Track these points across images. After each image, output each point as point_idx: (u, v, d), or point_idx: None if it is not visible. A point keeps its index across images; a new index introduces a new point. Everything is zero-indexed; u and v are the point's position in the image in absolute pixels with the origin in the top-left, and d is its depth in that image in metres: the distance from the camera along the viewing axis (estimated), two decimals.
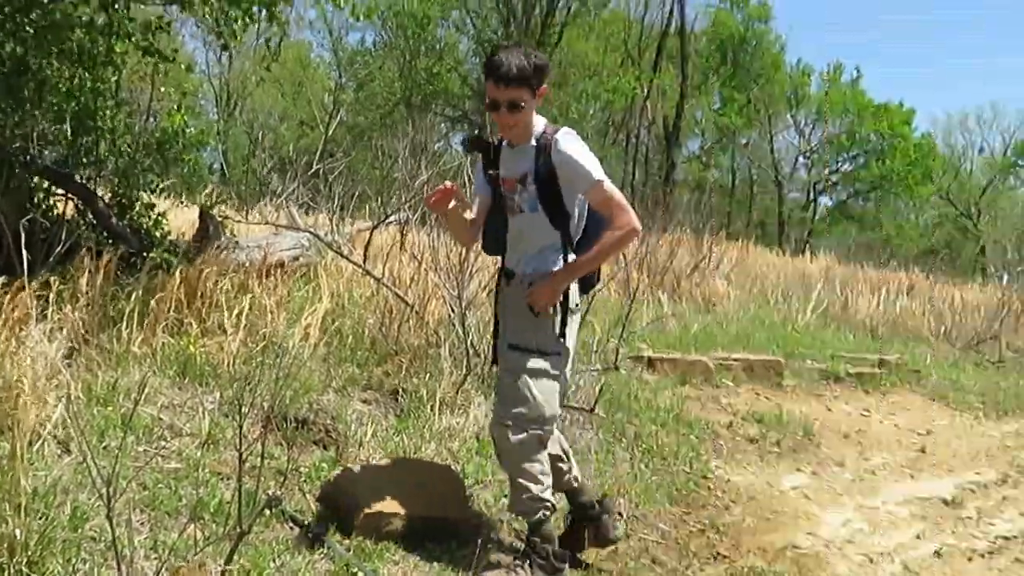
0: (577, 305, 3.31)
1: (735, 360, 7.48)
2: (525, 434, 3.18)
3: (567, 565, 3.34)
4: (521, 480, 3.23)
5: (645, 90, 31.00)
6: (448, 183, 3.19)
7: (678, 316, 9.35)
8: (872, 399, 7.54)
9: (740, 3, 37.88)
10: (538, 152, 3.19)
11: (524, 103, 3.11)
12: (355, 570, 3.09)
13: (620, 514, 4.03)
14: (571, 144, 3.17)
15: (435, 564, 3.28)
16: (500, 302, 3.45)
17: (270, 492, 3.39)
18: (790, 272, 15.83)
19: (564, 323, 3.28)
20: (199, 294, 5.33)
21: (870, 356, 8.71)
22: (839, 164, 40.60)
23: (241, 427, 3.12)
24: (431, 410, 4.72)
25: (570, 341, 3.31)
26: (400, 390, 4.98)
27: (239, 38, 5.97)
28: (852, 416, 6.93)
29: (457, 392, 4.93)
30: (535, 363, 3.21)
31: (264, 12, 5.67)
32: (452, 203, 3.18)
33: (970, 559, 4.32)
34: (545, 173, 3.17)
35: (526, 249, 3.31)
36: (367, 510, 3.33)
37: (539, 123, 3.24)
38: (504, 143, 3.29)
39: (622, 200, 3.19)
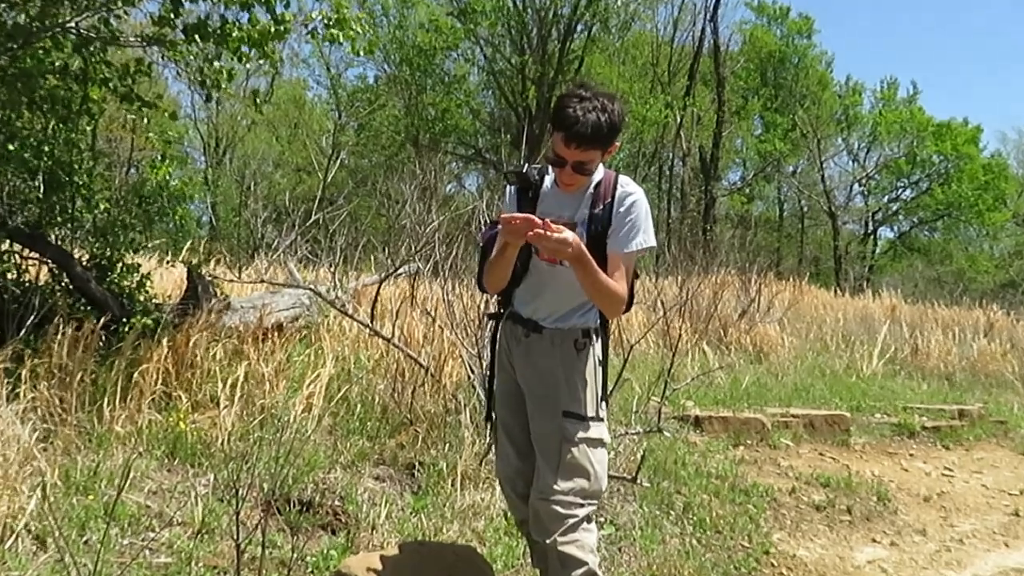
0: (600, 362, 3.31)
1: (794, 416, 7.43)
2: (583, 510, 3.17)
3: None
4: (576, 554, 3.17)
5: (678, 118, 31.28)
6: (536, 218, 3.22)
7: (727, 368, 9.32)
8: (953, 456, 7.44)
9: (778, 18, 38.40)
10: (595, 199, 3.23)
11: (593, 164, 3.15)
12: None
13: None
14: (641, 206, 3.20)
15: None
16: (512, 351, 3.43)
17: None
18: (851, 313, 15.78)
19: (606, 385, 3.29)
20: (188, 363, 5.36)
21: (948, 407, 8.62)
22: (899, 191, 40.69)
23: (238, 513, 3.07)
24: (452, 486, 4.69)
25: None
26: (416, 464, 4.96)
27: (225, 86, 6.02)
28: (932, 476, 6.81)
29: (481, 464, 4.89)
30: (592, 431, 3.21)
31: (254, 51, 5.70)
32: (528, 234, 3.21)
33: None
34: (600, 223, 3.20)
35: (558, 305, 3.30)
36: None
37: (600, 167, 3.29)
38: (551, 180, 3.35)
39: (631, 276, 3.26)
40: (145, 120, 6.68)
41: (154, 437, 4.62)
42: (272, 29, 5.62)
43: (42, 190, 6.06)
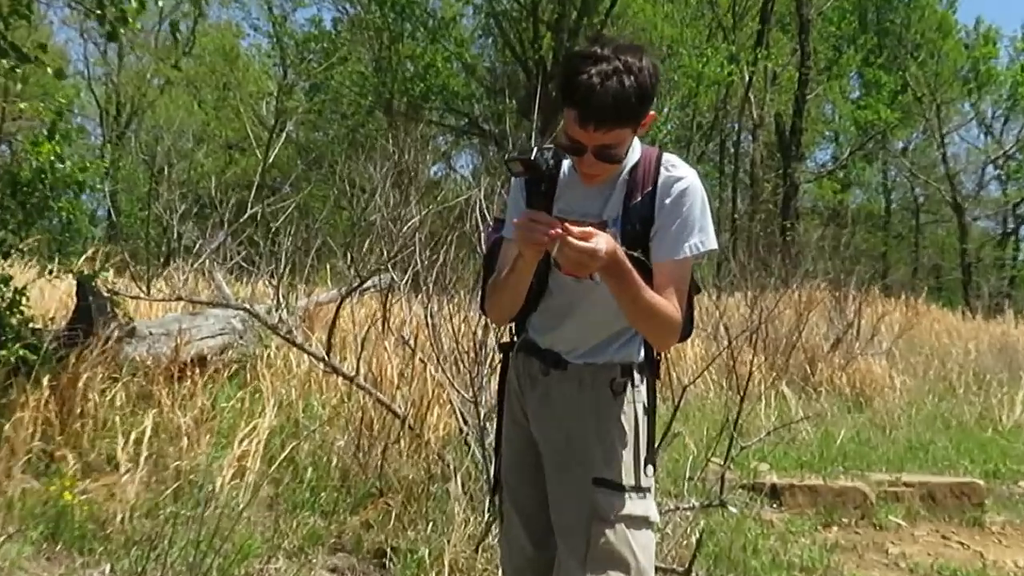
0: (646, 410, 3.32)
1: (908, 485, 7.37)
2: None
3: None
4: None
5: (746, 76, 31.34)
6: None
7: (815, 418, 9.28)
8: None
9: None
10: (632, 188, 3.25)
11: (621, 147, 3.18)
12: None
13: None
14: (696, 194, 3.23)
15: None
16: (525, 395, 3.46)
17: None
18: (985, 343, 15.72)
19: (652, 441, 3.31)
20: (78, 411, 5.34)
21: None
22: None
23: None
24: None
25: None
26: (388, 550, 4.94)
27: (132, 20, 6.00)
28: None
29: (477, 551, 4.85)
30: (634, 505, 3.23)
31: None
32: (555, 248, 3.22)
33: None
34: (640, 220, 3.24)
35: (588, 334, 3.33)
36: None
37: (634, 144, 3.28)
38: (571, 166, 3.34)
39: (686, 291, 3.27)
40: (21, 79, 6.64)
41: (29, 512, 4.58)
42: None
43: None
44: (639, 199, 3.20)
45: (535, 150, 3.22)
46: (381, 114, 30.63)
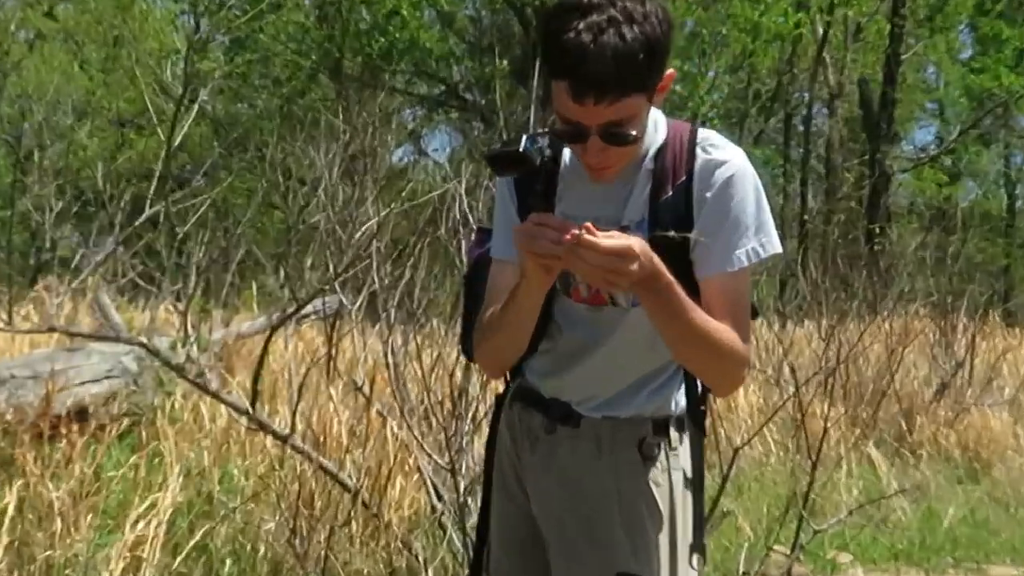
0: (689, 481, 3.35)
1: None
2: None
3: None
4: None
5: (820, 28, 31.46)
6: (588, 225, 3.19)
7: (914, 491, 9.29)
8: None
9: None
10: (659, 178, 3.25)
11: (635, 121, 3.13)
12: None
13: None
14: (747, 182, 3.24)
15: None
16: (521, 459, 3.48)
17: None
18: None
19: (699, 523, 3.32)
20: None
21: None
22: None
23: None
24: None
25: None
26: None
27: None
28: None
29: None
30: None
31: None
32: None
33: None
34: (674, 222, 3.20)
35: (608, 379, 3.35)
36: None
37: (655, 119, 3.31)
38: (571, 158, 3.35)
39: (748, 311, 3.31)
40: None
41: None
42: None
43: None
44: (670, 194, 3.21)
45: (524, 139, 3.18)
46: (327, 80, 30.67)
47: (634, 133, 3.07)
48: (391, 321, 6.95)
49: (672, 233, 3.06)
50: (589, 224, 2.82)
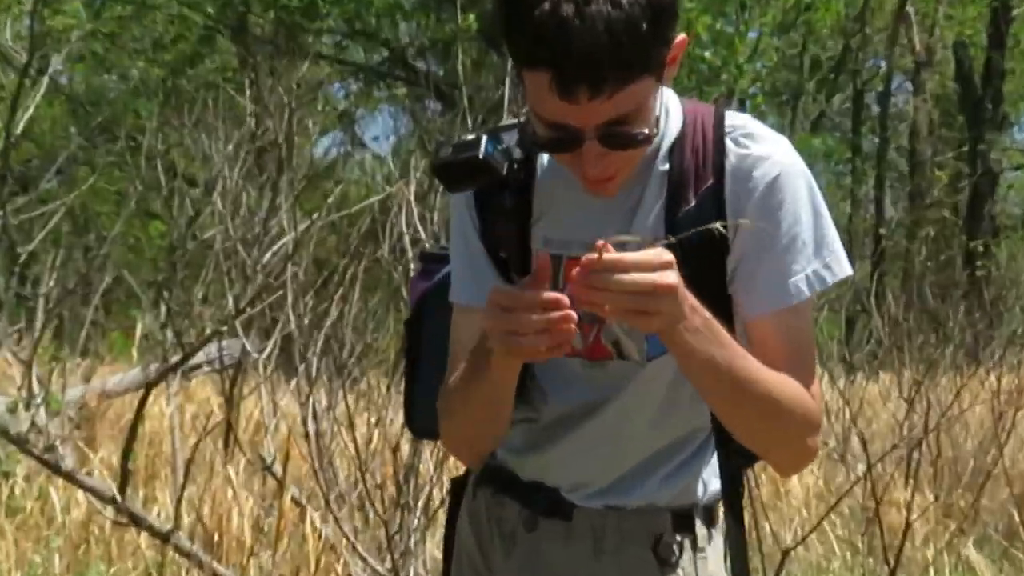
0: (702, 549, 3.33)
1: None
2: None
3: None
4: None
5: None
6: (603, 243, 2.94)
7: None
8: None
9: None
10: (677, 183, 3.22)
11: (644, 117, 3.05)
12: None
13: None
14: (798, 182, 3.22)
15: None
16: (492, 565, 3.48)
17: None
18: None
19: None
20: None
21: None
22: None
23: None
24: None
25: None
26: None
27: None
28: None
29: None
30: None
31: None
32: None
33: None
34: (703, 245, 3.11)
35: (615, 457, 3.34)
36: None
37: (666, 102, 3.26)
38: (548, 161, 3.30)
39: (815, 357, 3.37)
40: None
41: None
42: None
43: None
44: (692, 204, 3.20)
45: (484, 139, 3.15)
46: (227, 42, 30.80)
47: (644, 131, 3.01)
48: (312, 374, 6.97)
49: (718, 226, 2.93)
50: (604, 242, 2.72)
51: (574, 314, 2.74)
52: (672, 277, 2.71)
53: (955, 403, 11.19)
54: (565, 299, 2.73)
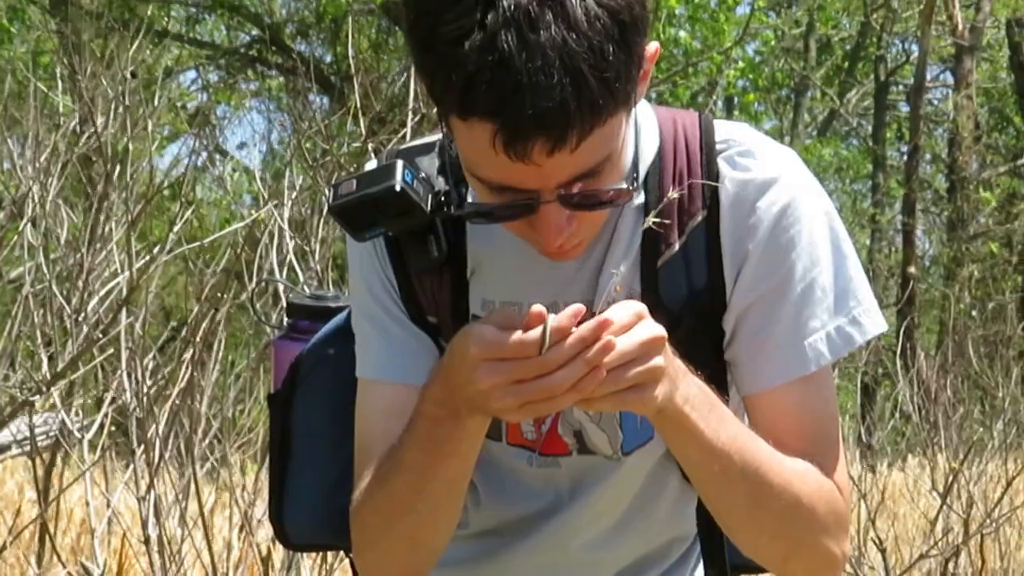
0: None
1: None
2: None
3: None
4: None
5: None
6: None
7: None
8: None
9: None
10: (656, 224, 3.19)
11: (614, 166, 3.07)
12: None
13: None
14: (812, 209, 3.27)
15: None
16: None
17: None
18: None
19: None
20: None
21: None
22: None
23: None
24: None
25: None
26: None
27: None
28: None
29: None
30: None
31: None
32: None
33: None
34: (693, 301, 3.29)
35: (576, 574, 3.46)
36: None
37: (635, 115, 3.23)
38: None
39: (839, 436, 3.40)
40: None
41: None
42: None
43: None
44: (676, 248, 3.25)
45: (399, 167, 3.13)
46: (41, 16, 30.75)
47: (619, 186, 3.02)
48: (155, 459, 6.91)
49: (650, 222, 3.02)
50: (605, 317, 2.72)
51: (584, 331, 2.70)
52: (658, 330, 2.76)
53: (1005, 498, 11.23)
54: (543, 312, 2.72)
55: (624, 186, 3.00)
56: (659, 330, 2.76)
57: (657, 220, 3.09)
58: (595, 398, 2.72)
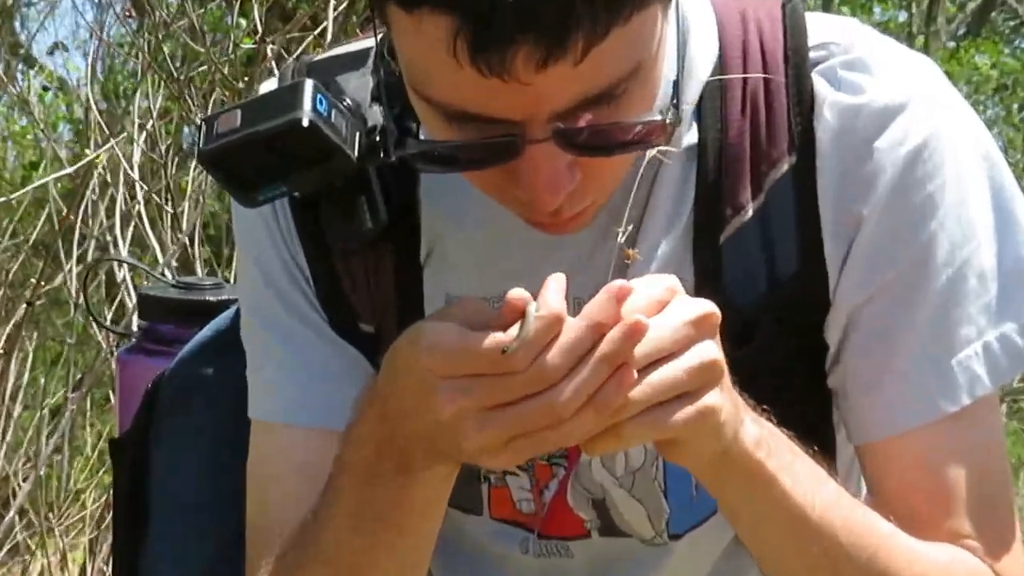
0: None
1: None
2: None
3: None
4: None
5: None
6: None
7: None
8: None
9: None
10: (714, 170, 2.76)
11: (644, 89, 2.44)
12: None
13: None
14: (965, 154, 2.67)
15: None
16: None
17: None
18: None
19: None
20: None
21: None
22: None
23: None
24: None
25: None
26: None
27: None
28: None
29: None
30: None
31: None
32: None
33: None
34: (776, 301, 2.76)
35: None
36: None
37: (690, 11, 2.76)
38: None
39: (1011, 501, 2.87)
40: None
41: None
42: None
43: None
44: (750, 213, 2.75)
45: (309, 87, 2.52)
46: None
47: (654, 118, 2.46)
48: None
49: (654, 151, 2.54)
50: (621, 284, 2.22)
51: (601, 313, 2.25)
52: (706, 307, 2.31)
53: None
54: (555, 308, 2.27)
55: (659, 118, 2.43)
56: (707, 306, 2.25)
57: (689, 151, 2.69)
58: (624, 422, 2.22)
